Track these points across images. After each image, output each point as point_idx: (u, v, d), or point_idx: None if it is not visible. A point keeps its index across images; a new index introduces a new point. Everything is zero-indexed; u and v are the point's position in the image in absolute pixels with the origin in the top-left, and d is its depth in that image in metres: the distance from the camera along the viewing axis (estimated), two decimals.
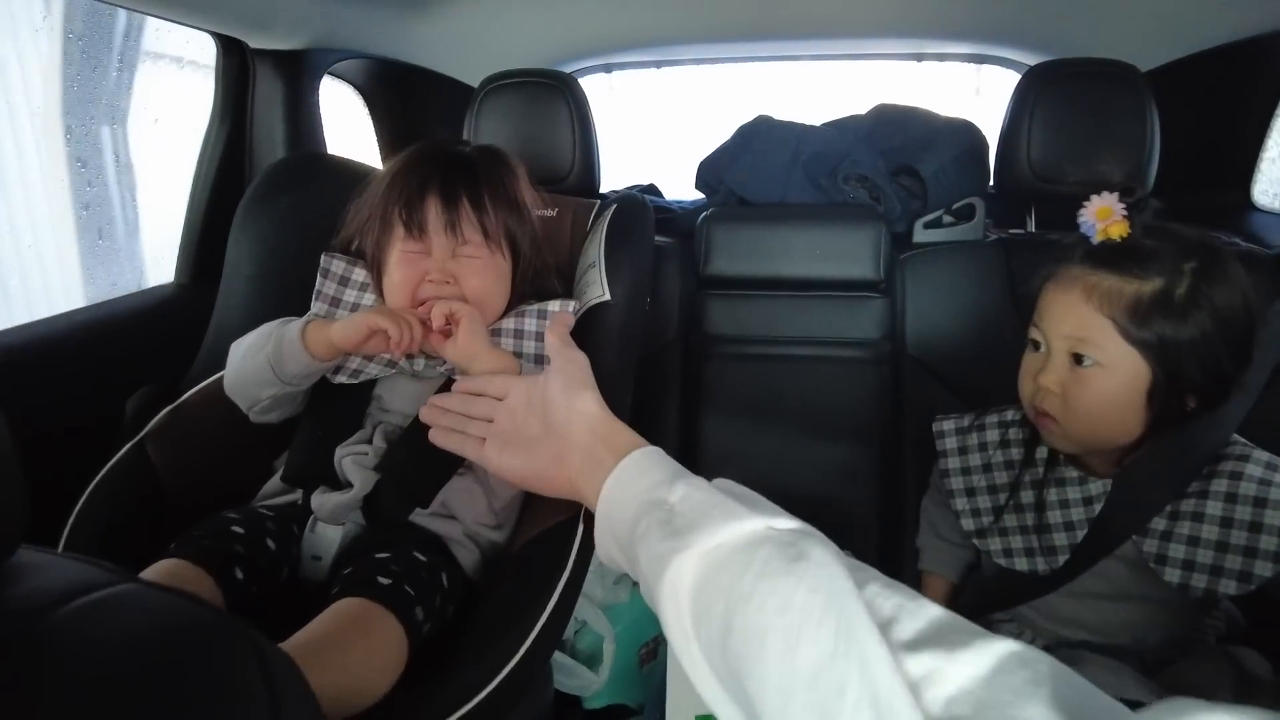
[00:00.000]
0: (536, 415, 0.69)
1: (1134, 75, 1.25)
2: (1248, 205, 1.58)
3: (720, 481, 0.57)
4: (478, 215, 0.96)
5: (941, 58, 2.01)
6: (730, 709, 0.46)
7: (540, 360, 0.97)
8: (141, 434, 0.98)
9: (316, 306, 1.02)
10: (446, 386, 0.96)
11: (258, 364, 0.91)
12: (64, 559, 0.38)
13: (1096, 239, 0.86)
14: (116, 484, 0.95)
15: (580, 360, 0.71)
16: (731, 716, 0.46)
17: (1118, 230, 0.85)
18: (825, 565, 0.45)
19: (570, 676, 1.15)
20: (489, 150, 1.05)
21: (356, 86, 1.84)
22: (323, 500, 0.90)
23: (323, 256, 1.04)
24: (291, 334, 0.91)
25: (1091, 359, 0.85)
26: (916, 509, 1.18)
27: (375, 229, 0.99)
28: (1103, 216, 0.85)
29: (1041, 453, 0.97)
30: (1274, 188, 1.56)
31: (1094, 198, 0.86)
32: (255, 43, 1.37)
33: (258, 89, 1.40)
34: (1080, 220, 0.87)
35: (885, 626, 0.43)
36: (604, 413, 0.66)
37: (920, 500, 1.18)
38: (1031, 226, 1.47)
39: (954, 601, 1.10)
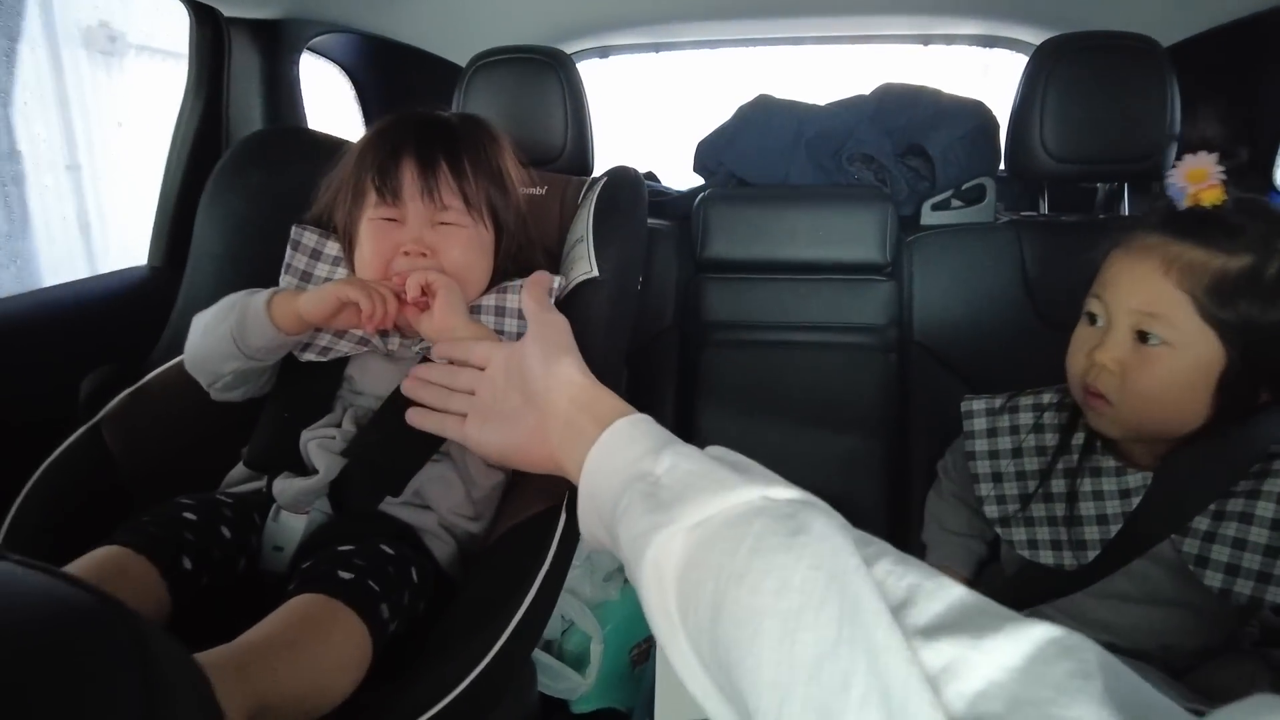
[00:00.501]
0: (515, 386, 0.64)
1: (1154, 49, 1.19)
2: (1270, 189, 1.52)
3: (714, 449, 0.51)
4: (457, 181, 0.90)
5: (949, 40, 1.96)
6: (720, 705, 0.40)
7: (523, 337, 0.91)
8: (97, 417, 0.92)
9: (285, 280, 0.97)
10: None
11: (219, 336, 0.86)
12: None
13: (1185, 204, 0.79)
14: (68, 469, 0.89)
15: (560, 323, 0.66)
16: (721, 714, 0.40)
17: (1211, 196, 0.77)
18: (829, 539, 0.39)
19: (555, 679, 1.09)
20: (470, 118, 1.00)
21: (342, 66, 1.78)
22: (284, 486, 0.83)
23: (293, 228, 0.99)
24: (256, 305, 0.85)
25: (1159, 337, 0.77)
26: (924, 501, 1.12)
27: (347, 199, 0.94)
28: (1196, 179, 0.78)
29: (1078, 439, 0.90)
30: None
31: (1188, 157, 0.79)
32: (230, 10, 1.31)
33: (233, 61, 1.35)
34: (1168, 182, 0.80)
35: (899, 609, 0.36)
36: (586, 379, 0.60)
37: (927, 493, 1.12)
38: (1044, 209, 1.41)
39: None
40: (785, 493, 0.44)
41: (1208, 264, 0.75)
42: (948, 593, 0.37)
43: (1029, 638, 0.34)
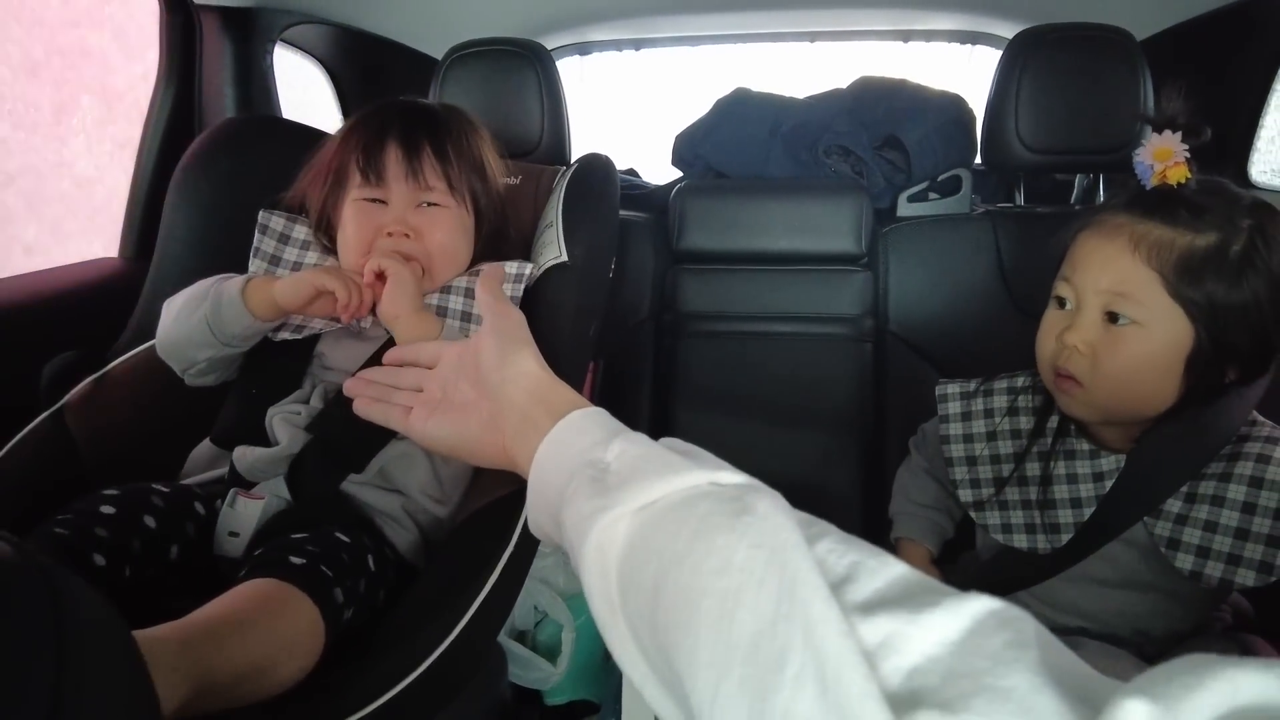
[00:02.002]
0: (467, 378, 0.63)
1: (1127, 41, 1.19)
2: (1245, 182, 1.53)
3: (666, 439, 0.50)
4: (441, 164, 0.92)
5: (928, 36, 1.96)
6: (658, 691, 0.39)
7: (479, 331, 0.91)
8: (59, 404, 0.91)
9: (255, 265, 0.97)
10: (392, 344, 0.89)
11: (194, 324, 0.86)
12: None
13: (1152, 182, 0.78)
14: (28, 456, 0.88)
15: (516, 317, 0.64)
16: (661, 702, 0.39)
17: (1177, 174, 0.77)
18: (771, 518, 0.38)
19: (527, 669, 1.08)
20: (450, 106, 1.02)
21: (319, 59, 1.77)
22: (244, 453, 0.83)
23: (260, 213, 0.99)
24: (232, 292, 0.85)
25: (1128, 317, 0.77)
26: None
27: (327, 183, 0.94)
28: (1162, 158, 0.77)
29: (1052, 423, 0.90)
30: (1273, 165, 1.51)
31: (1154, 135, 0.79)
32: None
33: (205, 50, 1.33)
34: (1136, 161, 0.80)
35: (839, 586, 0.36)
36: (543, 372, 0.59)
37: None
38: (1020, 201, 1.41)
39: (937, 572, 1.03)
40: (733, 477, 0.43)
41: (1174, 241, 0.75)
42: (889, 570, 0.37)
43: (967, 611, 0.33)
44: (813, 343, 1.35)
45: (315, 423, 0.85)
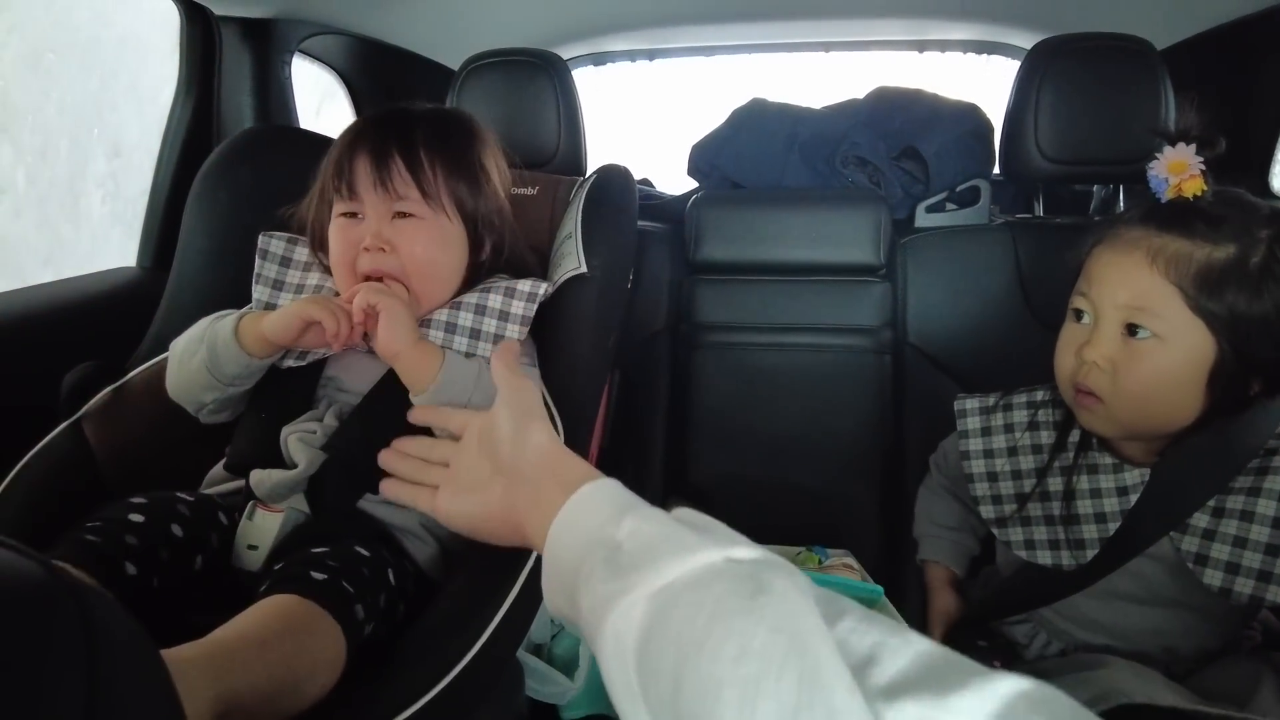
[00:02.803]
0: (487, 455, 0.63)
1: (1148, 50, 1.19)
2: (1266, 193, 1.51)
3: (679, 510, 0.49)
4: (411, 170, 0.88)
5: (943, 46, 1.95)
6: None
7: (499, 341, 0.90)
8: (79, 414, 0.91)
9: (258, 291, 0.96)
10: None
11: (194, 368, 0.86)
12: None
13: (1167, 196, 0.78)
14: (48, 466, 0.87)
15: (528, 389, 0.64)
16: None
17: (1193, 187, 0.77)
18: (788, 598, 0.38)
19: (543, 683, 1.07)
20: (446, 112, 0.98)
21: (337, 70, 1.78)
22: (262, 477, 0.82)
23: (260, 236, 0.97)
24: (225, 333, 0.85)
25: (1148, 330, 0.76)
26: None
27: (315, 201, 0.94)
28: (1176, 171, 0.77)
29: (1074, 437, 0.89)
30: None
31: (1167, 149, 0.78)
32: (220, 9, 1.30)
33: (224, 60, 1.34)
34: (1151, 174, 0.79)
35: (861, 668, 0.35)
36: (554, 444, 0.59)
37: None
38: (1039, 211, 1.40)
39: (959, 592, 1.03)
40: (748, 552, 0.42)
41: (1193, 254, 0.75)
42: (912, 648, 0.36)
43: (997, 693, 0.32)
44: (831, 354, 1.34)
45: (332, 442, 0.85)
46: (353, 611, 0.68)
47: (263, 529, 0.80)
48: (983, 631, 0.94)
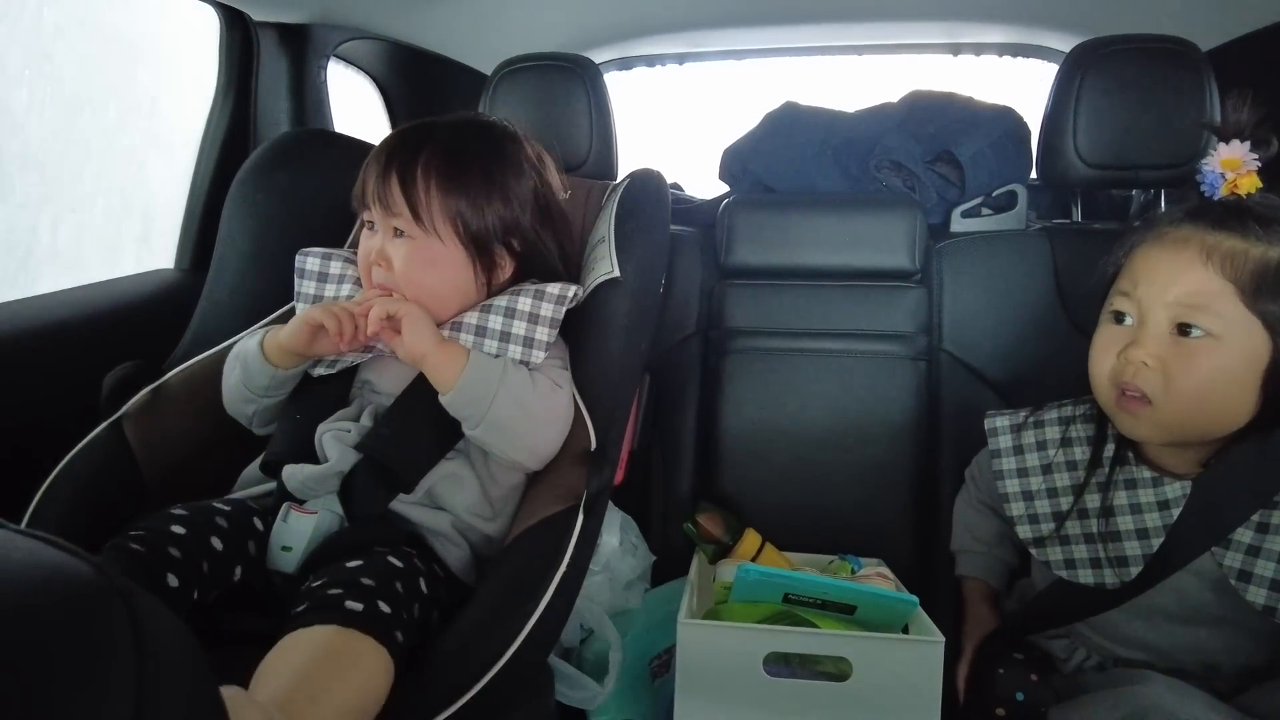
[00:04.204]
0: None
1: (1192, 52, 1.16)
2: None
3: None
4: (404, 191, 0.88)
5: (978, 50, 1.93)
6: None
7: (528, 343, 0.90)
8: (118, 414, 0.92)
9: (300, 310, 0.98)
10: None
11: (233, 383, 0.91)
12: None
13: (1221, 193, 0.77)
14: (89, 464, 0.89)
15: None
16: None
17: (1248, 184, 0.76)
18: None
19: (573, 687, 1.07)
20: (468, 126, 0.97)
21: (371, 75, 1.80)
22: (294, 472, 0.84)
23: (297, 256, 1.00)
24: (252, 347, 0.89)
25: (1202, 329, 0.75)
26: (952, 513, 1.10)
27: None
28: (1231, 167, 0.76)
29: (1108, 451, 0.87)
30: None
31: (1220, 146, 0.77)
32: (259, 14, 1.32)
33: (262, 64, 1.36)
34: (1204, 171, 0.78)
35: None
36: None
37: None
38: (1077, 217, 1.38)
39: (997, 606, 1.01)
40: None
41: (1248, 252, 0.73)
42: None
43: None
44: (864, 360, 1.32)
45: (365, 442, 0.85)
46: (394, 636, 0.68)
47: (296, 530, 0.81)
48: (1019, 644, 0.93)
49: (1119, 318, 0.82)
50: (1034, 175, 1.36)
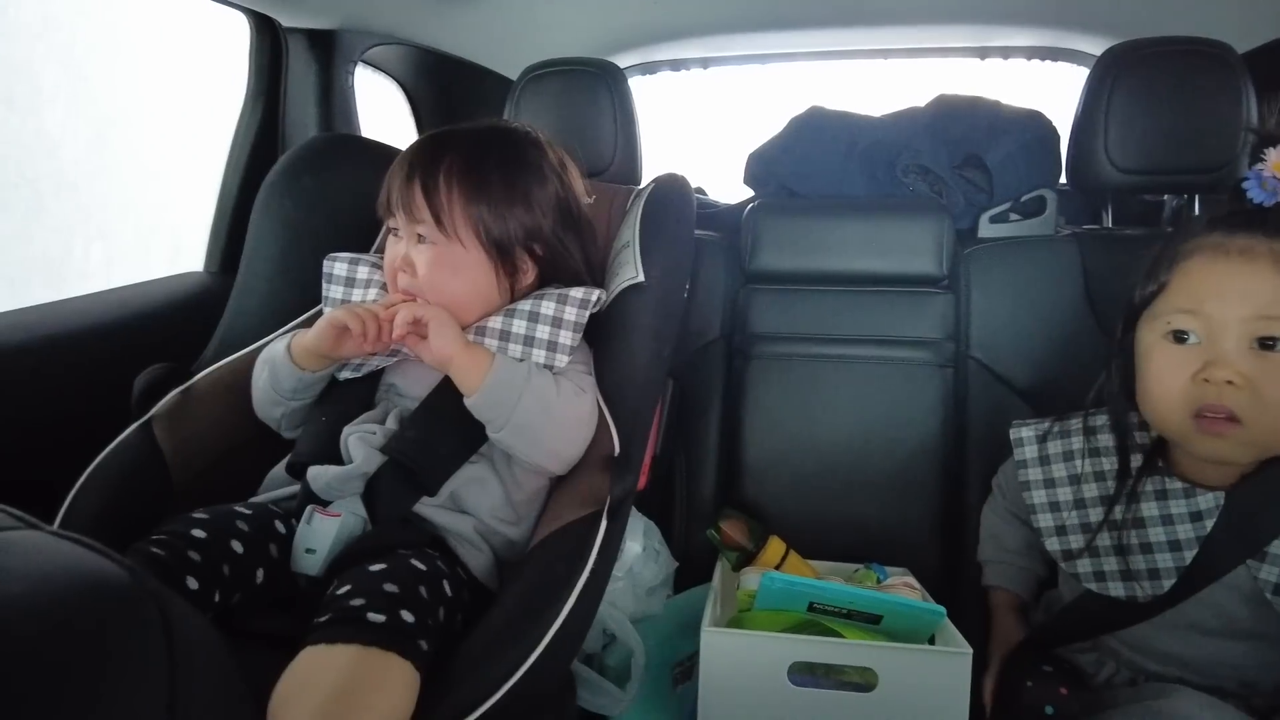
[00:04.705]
0: None
1: (1228, 55, 1.14)
2: None
3: None
4: (426, 197, 0.89)
5: (1006, 53, 1.91)
6: None
7: (552, 347, 0.91)
8: (148, 415, 0.93)
9: (327, 314, 0.98)
10: None
11: (262, 386, 0.93)
12: None
13: None
14: (119, 466, 0.90)
15: None
16: None
17: None
18: None
19: (595, 693, 1.06)
20: (492, 134, 0.98)
21: (398, 80, 1.81)
22: (319, 472, 0.84)
23: (325, 262, 1.01)
24: (279, 349, 0.91)
25: None
26: (979, 522, 1.08)
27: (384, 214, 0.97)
28: None
29: (1136, 460, 0.85)
30: None
31: (1270, 151, 0.75)
32: (288, 20, 1.34)
33: (290, 70, 1.37)
34: (1263, 175, 0.76)
35: None
36: None
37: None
38: (1108, 222, 1.36)
39: (1024, 618, 1.00)
40: None
41: None
42: None
43: None
44: (890, 367, 1.31)
45: (390, 444, 0.86)
46: (418, 646, 0.68)
47: (320, 533, 0.81)
48: (1047, 656, 0.91)
49: (1180, 337, 0.78)
50: (1063, 180, 1.35)
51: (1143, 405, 0.83)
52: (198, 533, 0.75)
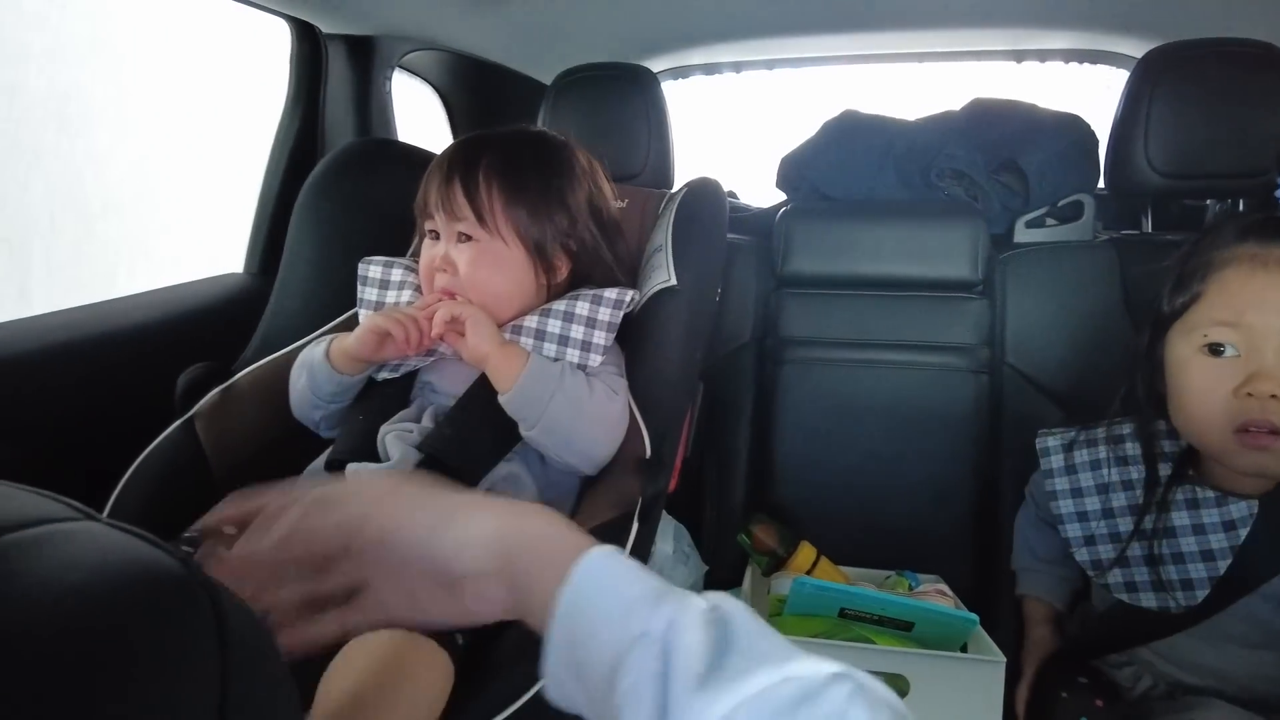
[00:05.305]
0: None
1: (1273, 55, 1.12)
2: None
3: (713, 598, 0.44)
4: (468, 195, 0.91)
5: (1043, 56, 1.88)
6: None
7: (586, 347, 0.92)
8: (190, 412, 0.96)
9: (362, 317, 1.00)
10: None
11: (300, 389, 0.94)
12: (28, 492, 0.33)
13: None
14: (162, 461, 0.92)
15: None
16: None
17: None
18: None
19: None
20: (525, 138, 1.00)
21: (434, 85, 1.84)
22: (356, 470, 0.86)
23: (359, 265, 1.02)
24: (318, 355, 0.93)
25: None
26: (1013, 529, 1.07)
27: (419, 218, 0.98)
28: None
29: (1164, 469, 0.84)
30: None
31: None
32: (328, 27, 1.36)
33: (330, 75, 1.40)
34: None
35: None
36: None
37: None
38: (1147, 228, 1.34)
39: (1059, 627, 0.98)
40: (817, 666, 0.39)
41: None
42: None
43: None
44: (923, 373, 1.30)
45: (426, 442, 0.87)
46: (453, 638, 0.69)
47: None
48: (1083, 667, 0.90)
49: (1217, 350, 0.77)
50: (1101, 184, 1.33)
51: (1179, 420, 0.82)
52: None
